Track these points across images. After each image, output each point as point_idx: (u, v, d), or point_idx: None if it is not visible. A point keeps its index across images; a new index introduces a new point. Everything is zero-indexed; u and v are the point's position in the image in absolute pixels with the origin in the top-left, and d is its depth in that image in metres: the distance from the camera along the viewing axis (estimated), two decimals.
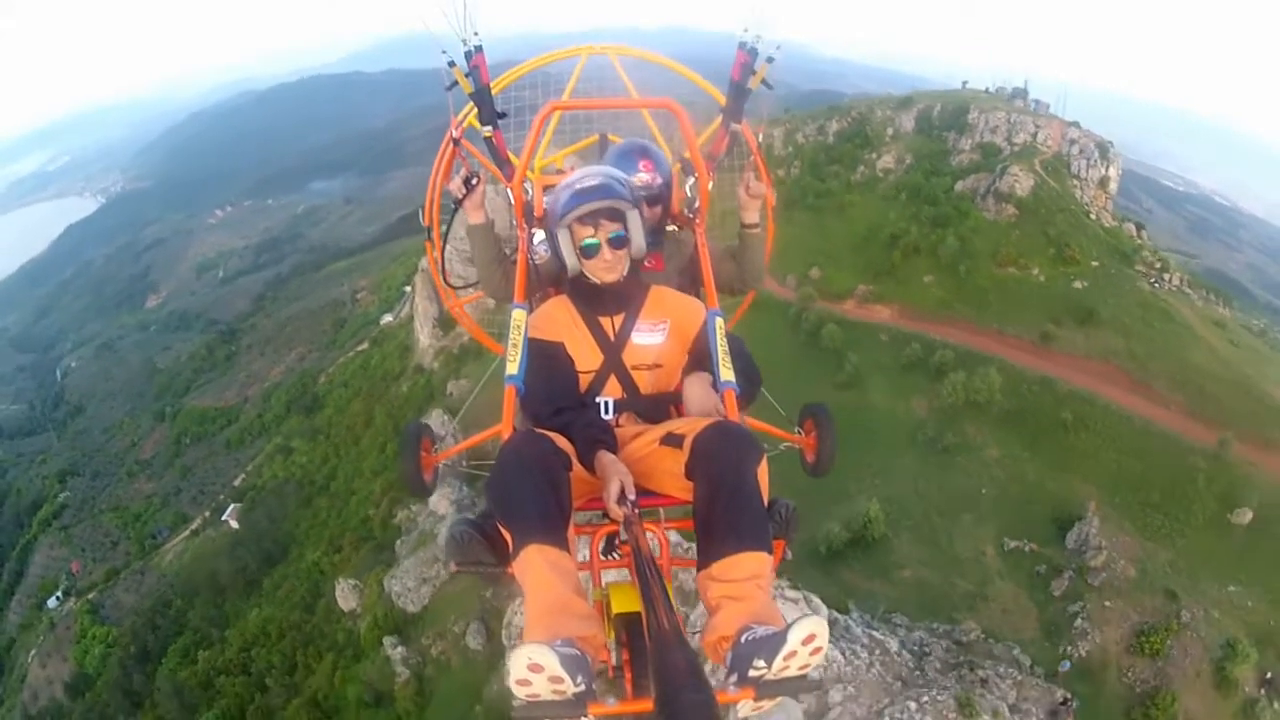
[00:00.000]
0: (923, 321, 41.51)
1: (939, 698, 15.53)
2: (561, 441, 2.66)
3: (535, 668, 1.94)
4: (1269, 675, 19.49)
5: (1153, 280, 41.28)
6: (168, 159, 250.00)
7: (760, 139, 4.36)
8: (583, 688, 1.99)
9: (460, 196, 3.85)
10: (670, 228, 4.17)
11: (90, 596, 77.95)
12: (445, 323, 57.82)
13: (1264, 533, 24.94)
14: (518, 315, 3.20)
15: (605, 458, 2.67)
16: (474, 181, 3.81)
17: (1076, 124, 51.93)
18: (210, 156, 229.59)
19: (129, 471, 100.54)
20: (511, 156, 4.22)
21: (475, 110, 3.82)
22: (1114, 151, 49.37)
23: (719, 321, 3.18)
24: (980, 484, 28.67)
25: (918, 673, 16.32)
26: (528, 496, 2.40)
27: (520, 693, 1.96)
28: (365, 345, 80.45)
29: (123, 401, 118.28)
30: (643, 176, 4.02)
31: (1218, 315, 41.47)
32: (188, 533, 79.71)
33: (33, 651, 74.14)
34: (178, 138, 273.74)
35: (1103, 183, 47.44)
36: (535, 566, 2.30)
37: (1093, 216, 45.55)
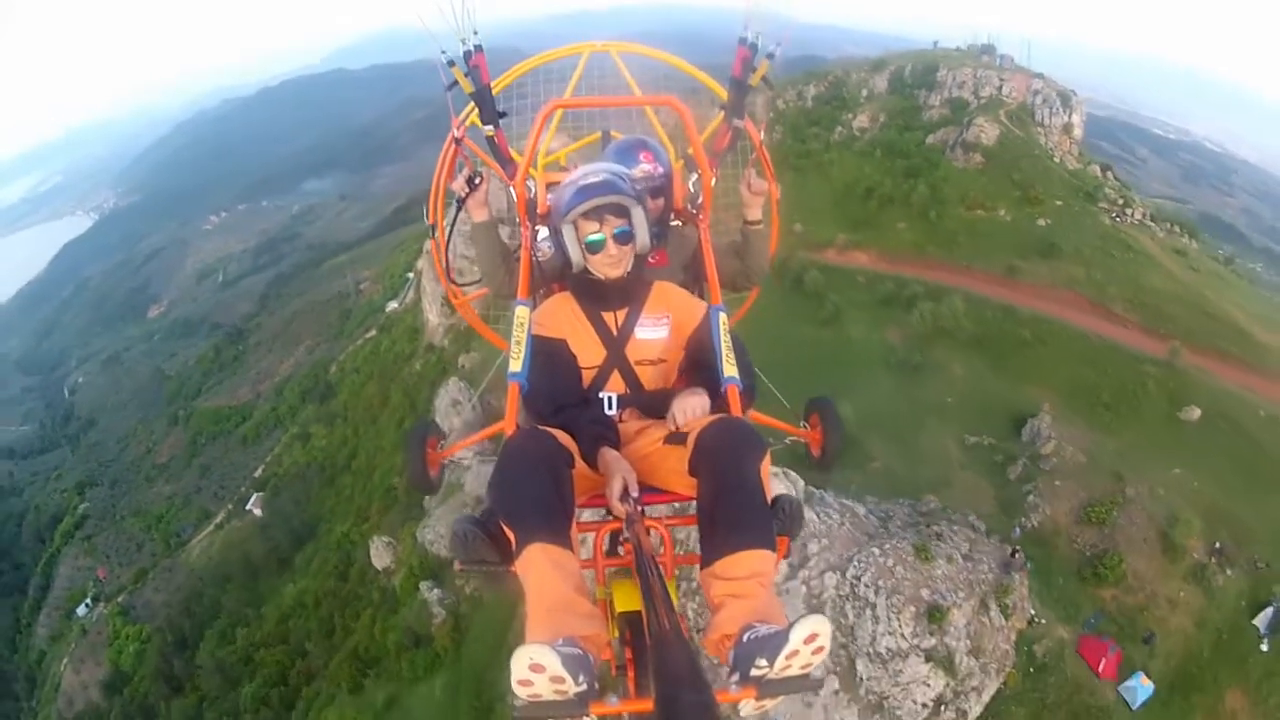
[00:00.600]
0: (897, 263, 43.87)
1: (900, 546, 18.42)
2: (564, 438, 2.69)
3: (537, 668, 1.96)
4: (1218, 545, 21.62)
5: (1114, 215, 43.53)
6: (157, 171, 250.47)
7: (763, 135, 4.45)
8: (585, 687, 2.01)
9: (463, 195, 4.02)
10: (674, 223, 4.21)
11: (119, 599, 78.23)
12: None
13: (1211, 427, 27.10)
14: (521, 312, 3.25)
15: (608, 454, 2.70)
16: (477, 180, 3.97)
17: (1041, 75, 53.98)
18: (200, 165, 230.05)
19: (147, 476, 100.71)
20: (514, 154, 4.35)
21: (476, 110, 3.96)
22: (1077, 99, 51.54)
23: (722, 317, 3.23)
24: (946, 395, 31.11)
25: (882, 529, 19.15)
26: (530, 495, 2.43)
27: (522, 693, 2.00)
28: (374, 332, 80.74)
29: (134, 411, 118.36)
30: (644, 168, 4.10)
31: (1179, 245, 43.67)
32: (212, 527, 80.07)
33: (64, 660, 74.48)
34: (165, 149, 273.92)
35: (1066, 128, 49.79)
36: (537, 565, 2.32)
37: (1057, 160, 47.90)
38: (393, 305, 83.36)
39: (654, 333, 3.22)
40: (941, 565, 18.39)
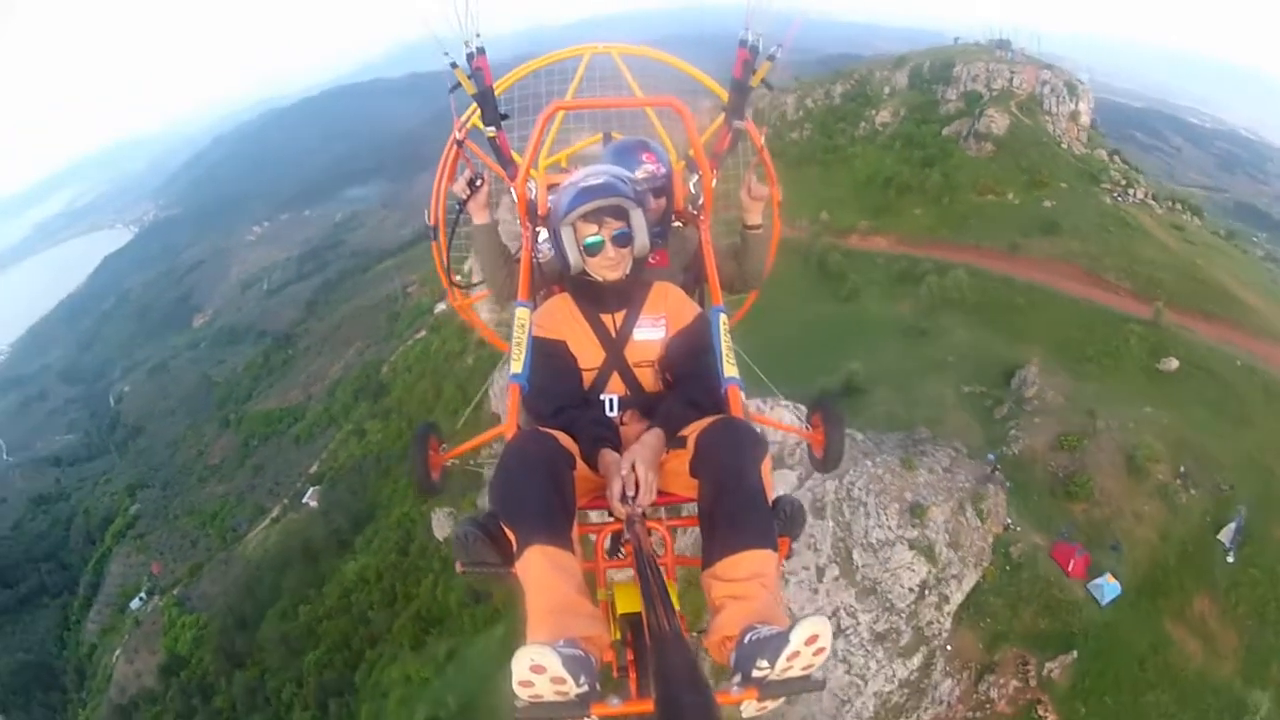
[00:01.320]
0: (912, 245, 47.23)
1: (889, 460, 22.00)
2: (566, 440, 2.75)
3: (538, 669, 1.99)
4: (1183, 469, 24.40)
5: (1116, 195, 46.38)
6: (197, 184, 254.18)
7: (764, 138, 4.51)
8: (585, 688, 2.05)
9: (464, 198, 4.12)
10: (675, 224, 4.25)
11: (175, 592, 79.09)
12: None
13: (1187, 376, 29.77)
14: (521, 314, 3.36)
15: (608, 456, 2.75)
16: (478, 183, 4.09)
17: (1050, 67, 57.08)
18: (240, 177, 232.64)
19: (199, 478, 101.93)
20: (515, 156, 4.40)
21: (478, 111, 4.07)
22: (1083, 88, 54.59)
23: (723, 318, 3.35)
24: (947, 355, 34.04)
25: (875, 450, 22.66)
26: (531, 496, 2.48)
27: (523, 694, 2.04)
28: (424, 333, 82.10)
29: (182, 417, 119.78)
30: (647, 168, 4.16)
31: (1178, 221, 46.38)
32: (268, 521, 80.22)
33: (117, 651, 75.60)
34: (204, 162, 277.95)
35: (1073, 116, 52.71)
36: (538, 567, 2.37)
37: (1064, 146, 50.94)
38: (441, 307, 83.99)
39: (652, 334, 3.26)
40: (924, 474, 21.89)
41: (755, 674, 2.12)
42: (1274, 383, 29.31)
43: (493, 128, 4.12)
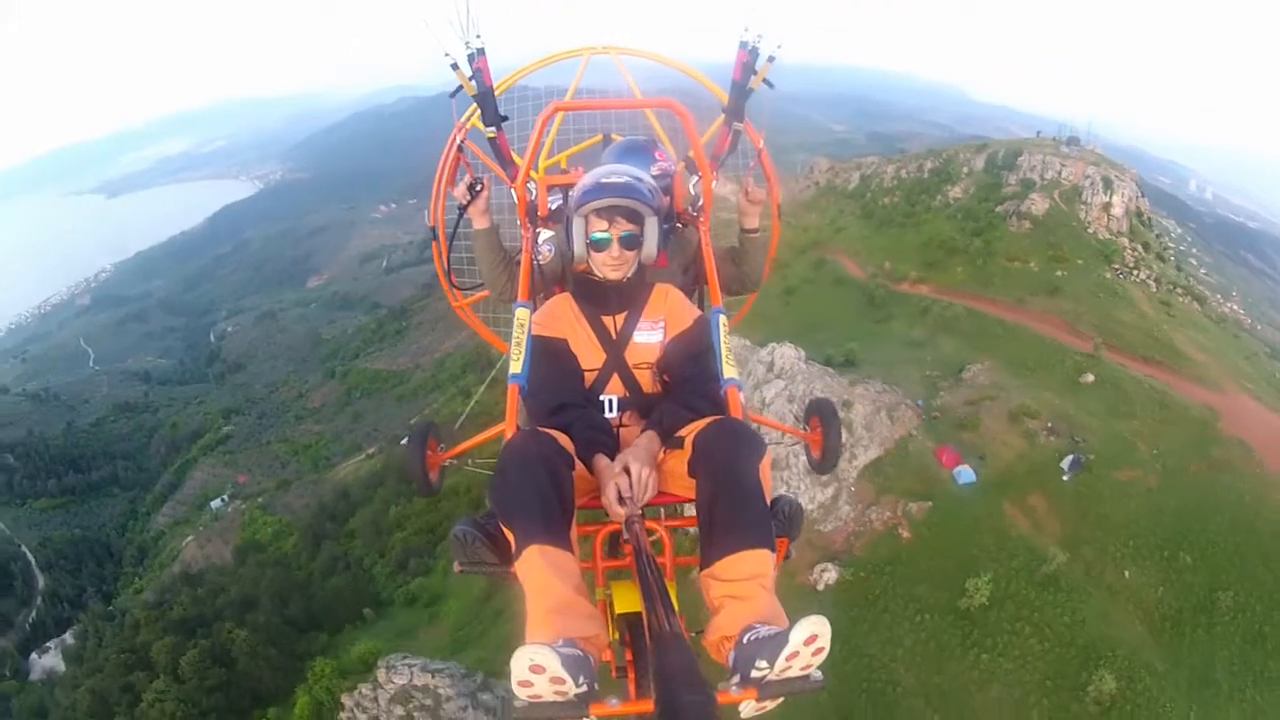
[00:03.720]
0: (944, 293, 60.93)
1: (842, 380, 36.40)
2: (564, 440, 2.91)
3: (537, 669, 2.10)
4: (1049, 424, 37.78)
5: (1119, 273, 59.39)
6: (329, 153, 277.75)
7: (761, 147, 4.96)
8: (585, 688, 2.17)
9: (465, 202, 4.40)
10: (676, 225, 4.54)
11: (260, 500, 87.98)
12: None
13: (1097, 386, 42.38)
14: (521, 314, 3.52)
15: (601, 462, 2.97)
16: (478, 187, 4.37)
17: (1096, 163, 70.63)
18: (372, 155, 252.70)
19: (296, 416, 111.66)
20: (515, 157, 4.77)
21: (479, 112, 4.35)
22: (1120, 183, 67.61)
23: (723, 319, 3.55)
24: (928, 355, 48.16)
25: (836, 373, 36.90)
26: (530, 497, 2.62)
27: (522, 694, 2.16)
28: None
29: (285, 363, 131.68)
30: (662, 165, 4.69)
31: (1169, 299, 58.67)
32: (363, 456, 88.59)
33: (189, 538, 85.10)
34: (338, 135, 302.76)
35: (1105, 206, 65.63)
36: (537, 567, 2.51)
37: (1090, 230, 64.06)
38: None
39: (651, 336, 3.52)
40: (860, 390, 36.23)
41: (754, 674, 2.27)
42: (1168, 399, 41.52)
43: (493, 128, 4.43)
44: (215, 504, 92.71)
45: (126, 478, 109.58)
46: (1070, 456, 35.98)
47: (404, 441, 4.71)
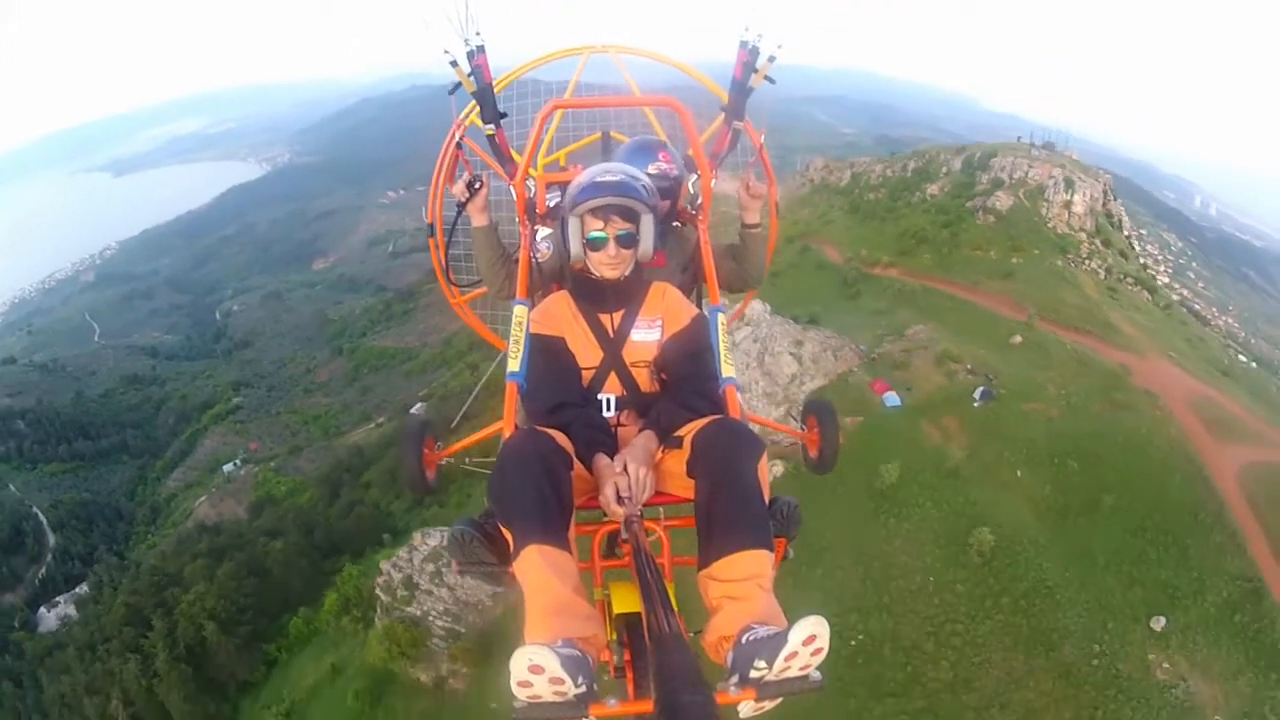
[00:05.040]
0: (911, 276, 69.71)
1: (797, 326, 45.69)
2: (563, 439, 3.05)
3: (536, 669, 2.18)
4: (969, 366, 46.42)
5: (1072, 262, 68.51)
6: (338, 138, 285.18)
7: (762, 142, 5.14)
8: (584, 689, 2.25)
9: (463, 200, 4.58)
10: (674, 224, 4.77)
11: (272, 464, 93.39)
12: None
13: (1024, 346, 50.64)
14: (519, 311, 3.67)
15: (601, 461, 3.14)
16: (477, 185, 4.54)
17: (1062, 165, 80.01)
18: (381, 141, 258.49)
19: (305, 390, 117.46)
20: (514, 154, 4.99)
21: (478, 109, 4.51)
22: (1081, 183, 77.07)
23: (721, 318, 3.73)
24: (883, 322, 57.03)
25: (793, 320, 46.14)
26: (528, 496, 2.74)
27: (521, 694, 2.23)
28: None
29: (292, 341, 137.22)
30: (660, 166, 4.74)
31: (1116, 286, 67.65)
32: (372, 425, 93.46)
33: (202, 498, 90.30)
34: (347, 120, 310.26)
35: (1066, 204, 74.95)
36: (535, 567, 2.63)
37: (1050, 225, 73.40)
38: None
39: (648, 335, 3.71)
40: (811, 333, 45.42)
41: (753, 674, 2.35)
42: (1087, 357, 49.70)
43: (492, 126, 4.58)
44: (228, 468, 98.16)
45: (136, 445, 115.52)
46: (981, 388, 44.51)
47: (401, 439, 4.66)
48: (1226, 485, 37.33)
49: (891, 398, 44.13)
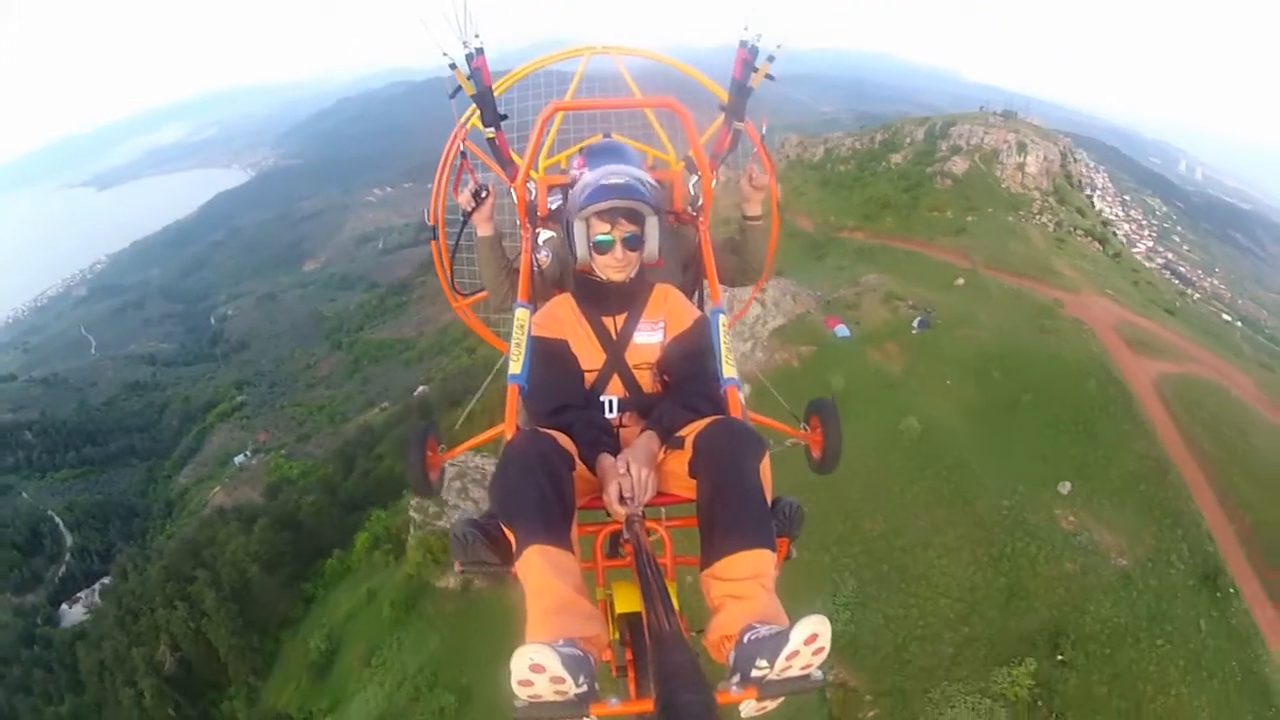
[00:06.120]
0: (874, 237, 78.06)
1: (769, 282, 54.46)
2: (565, 441, 3.16)
3: (537, 668, 2.25)
4: (911, 303, 54.31)
5: (1023, 218, 77.08)
6: (321, 139, 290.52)
7: (763, 133, 5.25)
8: (585, 688, 2.32)
9: (469, 209, 4.68)
10: (672, 225, 4.85)
11: (283, 451, 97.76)
12: None
13: (965, 288, 58.29)
14: (521, 315, 3.77)
15: (605, 460, 3.20)
16: (483, 195, 4.66)
17: (1015, 131, 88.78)
18: (365, 140, 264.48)
19: (307, 384, 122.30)
20: (515, 157, 5.04)
21: (478, 112, 4.60)
22: (1034, 148, 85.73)
23: (722, 319, 3.82)
24: (843, 276, 65.06)
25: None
26: (530, 497, 2.82)
27: (522, 693, 2.30)
28: None
29: (289, 340, 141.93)
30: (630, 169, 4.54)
31: (1065, 238, 76.06)
32: (377, 410, 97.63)
33: (216, 488, 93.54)
34: (328, 120, 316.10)
35: (1020, 166, 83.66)
36: (537, 567, 2.70)
37: (1004, 186, 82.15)
38: None
39: (650, 337, 3.82)
40: (771, 281, 53.63)
41: (754, 674, 2.42)
42: (1022, 294, 57.02)
43: (492, 129, 4.64)
44: (239, 459, 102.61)
45: (143, 448, 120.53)
46: (919, 318, 52.58)
47: (406, 443, 4.37)
48: (1142, 389, 42.10)
49: (842, 330, 52.49)
